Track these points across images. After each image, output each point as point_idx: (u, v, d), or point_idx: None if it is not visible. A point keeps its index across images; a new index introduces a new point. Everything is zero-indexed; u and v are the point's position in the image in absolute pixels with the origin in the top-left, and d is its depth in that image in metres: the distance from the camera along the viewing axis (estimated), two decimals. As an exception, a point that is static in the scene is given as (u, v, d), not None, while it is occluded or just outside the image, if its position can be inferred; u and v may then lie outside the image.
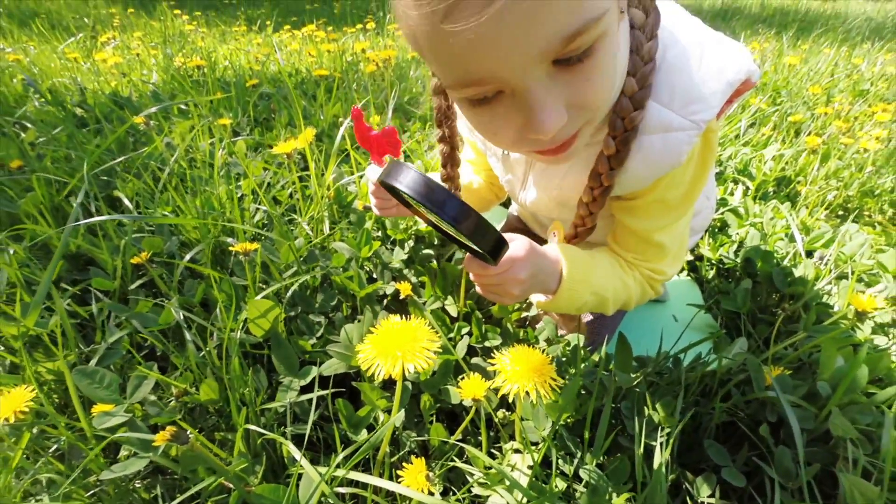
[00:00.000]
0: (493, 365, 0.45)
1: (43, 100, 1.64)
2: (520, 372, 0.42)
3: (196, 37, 3.50)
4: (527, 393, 0.42)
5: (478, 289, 0.56)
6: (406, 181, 0.37)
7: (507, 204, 1.11)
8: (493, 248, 0.42)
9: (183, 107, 1.49)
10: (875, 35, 4.64)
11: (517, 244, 0.51)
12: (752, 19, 5.99)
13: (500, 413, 0.63)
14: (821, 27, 5.14)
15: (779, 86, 2.25)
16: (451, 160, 0.66)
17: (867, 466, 0.54)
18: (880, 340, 0.81)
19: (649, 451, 0.56)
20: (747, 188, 1.28)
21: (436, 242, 0.92)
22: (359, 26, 3.56)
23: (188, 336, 0.63)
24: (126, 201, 0.90)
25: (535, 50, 0.33)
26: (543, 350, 0.71)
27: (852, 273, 0.88)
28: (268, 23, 4.06)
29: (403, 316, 0.46)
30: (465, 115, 0.45)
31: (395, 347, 0.39)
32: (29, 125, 1.36)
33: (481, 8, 0.30)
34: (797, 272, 0.89)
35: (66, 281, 0.80)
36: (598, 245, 0.68)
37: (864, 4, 9.38)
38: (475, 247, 0.44)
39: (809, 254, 1.03)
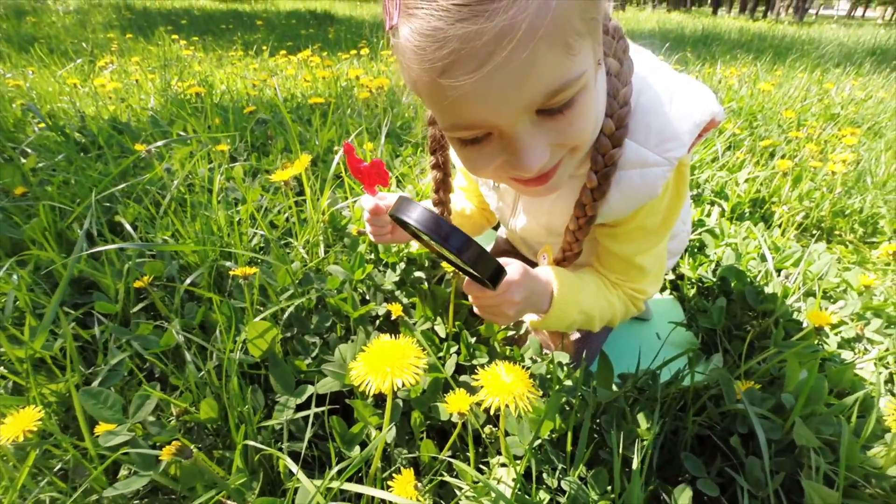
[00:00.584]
0: (477, 381, 0.49)
1: (43, 125, 1.67)
2: (500, 386, 0.46)
3: (193, 61, 3.58)
4: (507, 407, 0.45)
5: (476, 310, 0.60)
6: (415, 216, 0.42)
7: (496, 226, 1.16)
8: (493, 275, 0.46)
9: (181, 132, 1.53)
10: (846, 60, 4.87)
11: (512, 268, 0.55)
12: (731, 44, 6.24)
13: (487, 429, 0.66)
14: (796, 52, 5.37)
15: (754, 110, 2.36)
16: (443, 186, 0.71)
17: (829, 473, 0.57)
18: (851, 354, 0.86)
19: (629, 464, 0.60)
20: (723, 210, 1.34)
21: (426, 265, 0.96)
22: (353, 52, 3.66)
23: (188, 357, 0.66)
24: (128, 226, 0.93)
25: (521, 104, 0.39)
26: (528, 367, 0.75)
27: (818, 290, 0.93)
28: (264, 48, 4.17)
29: (394, 336, 0.50)
30: (454, 150, 0.49)
31: (385, 364, 0.43)
32: (29, 150, 1.40)
33: (474, 69, 0.35)
34: (768, 290, 0.94)
35: (69, 304, 0.83)
36: (584, 266, 0.73)
37: (837, 30, 9.83)
38: (476, 273, 0.48)
39: (780, 272, 1.09)
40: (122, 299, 0.79)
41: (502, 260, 0.52)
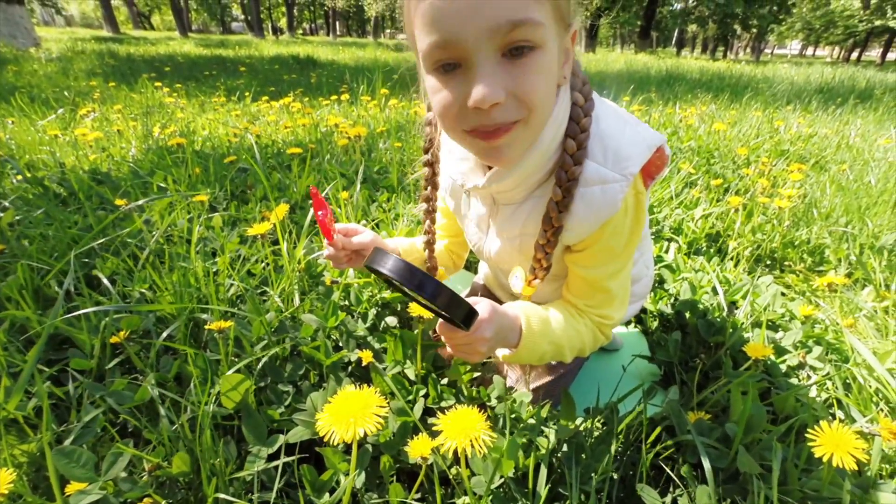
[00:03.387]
0: (437, 425, 0.53)
1: (21, 178, 1.70)
2: (458, 430, 0.50)
3: (176, 108, 3.66)
4: (470, 448, 0.49)
5: (448, 349, 0.64)
6: (388, 266, 0.46)
7: (475, 270, 1.22)
8: (465, 317, 0.51)
9: (162, 184, 1.58)
10: (796, 98, 5.24)
11: (482, 307, 0.60)
12: (692, 84, 6.67)
13: (454, 469, 0.69)
14: (751, 91, 5.77)
15: (711, 148, 2.53)
16: (430, 217, 0.80)
17: (771, 498, 0.62)
18: (796, 381, 0.92)
19: (590, 497, 0.63)
20: (679, 245, 1.43)
21: (399, 309, 1.00)
22: (334, 97, 3.81)
23: (162, 411, 0.68)
24: (105, 281, 0.96)
25: (487, 23, 0.46)
26: (494, 407, 0.79)
27: (763, 322, 1.00)
28: (246, 94, 4.30)
29: (366, 382, 0.53)
30: (431, 95, 0.55)
31: (349, 414, 0.46)
32: (7, 204, 1.42)
33: None
34: (719, 323, 1.01)
35: (42, 361, 0.84)
36: (552, 301, 0.79)
37: (790, 69, 10.59)
38: (449, 316, 0.52)
39: (733, 304, 1.16)
40: (98, 355, 0.81)
41: (471, 299, 0.56)
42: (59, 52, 7.84)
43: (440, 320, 0.60)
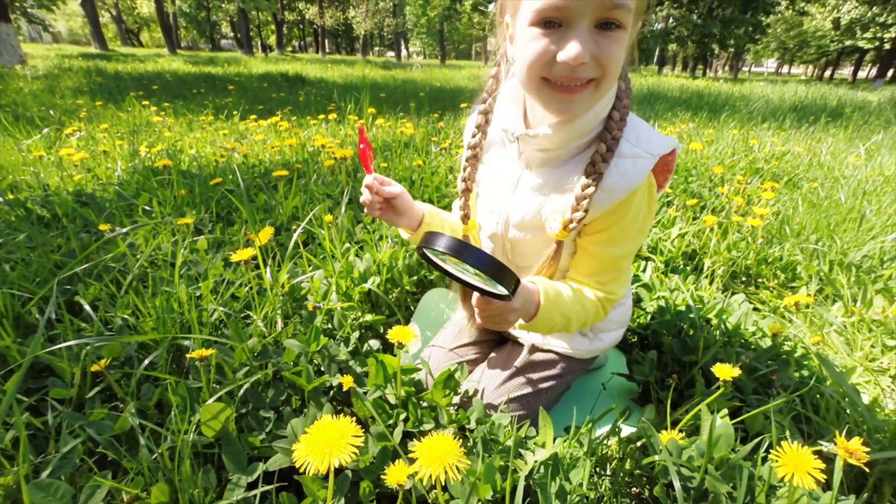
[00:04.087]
0: (412, 452, 0.54)
1: (2, 200, 1.69)
2: (432, 456, 0.51)
3: (163, 127, 3.67)
4: (439, 476, 0.51)
5: (479, 320, 0.72)
6: (443, 243, 0.53)
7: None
8: (514, 287, 0.57)
9: (147, 207, 1.58)
10: (772, 116, 5.44)
11: None
12: (672, 102, 6.86)
13: (433, 494, 0.70)
14: (728, 109, 5.97)
15: (689, 167, 2.61)
16: (467, 195, 0.87)
17: (738, 517, 0.64)
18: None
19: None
20: (656, 264, 1.48)
21: (381, 332, 1.02)
22: (322, 116, 3.85)
23: (142, 440, 0.69)
24: (87, 307, 0.96)
25: (594, 2, 0.58)
26: (472, 430, 0.80)
27: (734, 340, 1.03)
28: (235, 112, 4.32)
29: (348, 406, 0.55)
30: (524, 44, 0.64)
31: (324, 444, 0.48)
32: (-11, 227, 1.41)
33: None
34: (691, 342, 1.04)
35: (21, 390, 0.83)
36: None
37: (766, 87, 10.98)
38: (497, 288, 0.59)
39: (708, 322, 1.20)
40: (78, 383, 0.81)
41: None
42: (46, 70, 7.81)
43: (476, 295, 0.67)
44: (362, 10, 33.13)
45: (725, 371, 0.77)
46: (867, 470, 0.72)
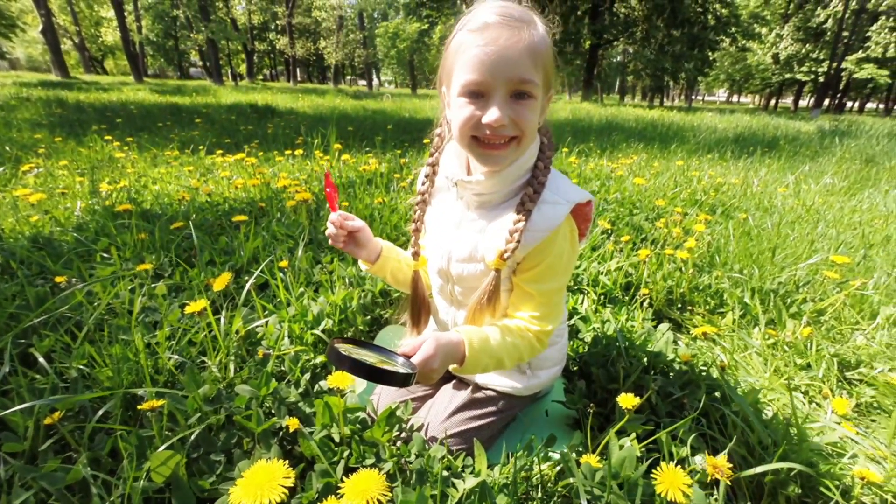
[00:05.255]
0: (341, 486, 0.62)
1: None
2: (357, 491, 0.59)
3: (126, 162, 3.65)
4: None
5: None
6: (345, 367, 0.65)
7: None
8: (404, 382, 0.68)
9: (105, 254, 1.61)
10: (716, 147, 5.87)
11: (428, 343, 0.77)
12: (628, 133, 7.29)
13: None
14: (677, 140, 6.40)
15: (633, 200, 2.81)
16: (416, 234, 1.01)
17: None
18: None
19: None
20: (593, 297, 1.61)
21: (332, 371, 1.08)
22: (288, 152, 3.93)
23: (94, 490, 0.73)
24: (41, 360, 0.99)
25: (507, 75, 0.74)
26: (411, 462, 0.88)
27: (653, 368, 1.15)
28: (201, 147, 4.33)
29: (296, 446, 0.61)
30: (456, 109, 0.79)
31: (256, 486, 0.55)
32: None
33: (496, 41, 0.73)
34: (615, 372, 1.15)
35: (-28, 445, 0.86)
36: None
37: (714, 117, 11.80)
38: (397, 368, 0.71)
39: (632, 351, 1.32)
40: (31, 436, 0.84)
41: (419, 338, 0.78)
42: (2, 100, 7.60)
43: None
44: (333, 41, 33.82)
45: (628, 400, 0.88)
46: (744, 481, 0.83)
